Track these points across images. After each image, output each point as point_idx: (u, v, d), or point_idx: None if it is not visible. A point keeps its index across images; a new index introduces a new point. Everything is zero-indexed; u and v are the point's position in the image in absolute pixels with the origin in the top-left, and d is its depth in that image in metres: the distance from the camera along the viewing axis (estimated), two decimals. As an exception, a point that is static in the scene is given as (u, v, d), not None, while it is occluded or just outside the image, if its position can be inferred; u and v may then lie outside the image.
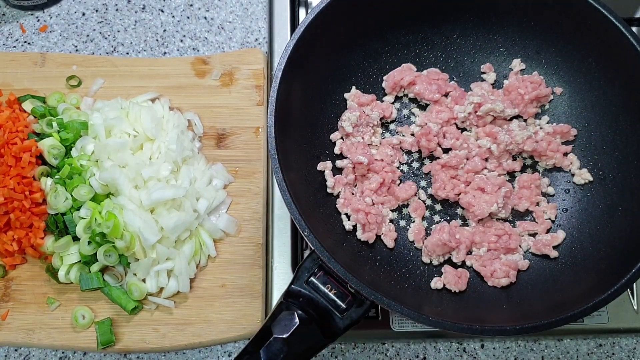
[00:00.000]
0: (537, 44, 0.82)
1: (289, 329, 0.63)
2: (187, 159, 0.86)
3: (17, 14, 1.02)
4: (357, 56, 0.83)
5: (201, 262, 0.83)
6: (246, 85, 0.94)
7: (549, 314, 0.63)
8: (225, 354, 0.82)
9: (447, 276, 0.74)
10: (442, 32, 0.85)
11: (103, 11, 1.02)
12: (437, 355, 0.82)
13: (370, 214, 0.75)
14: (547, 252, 0.75)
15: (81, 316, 0.80)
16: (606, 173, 0.78)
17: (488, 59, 0.85)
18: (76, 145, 0.84)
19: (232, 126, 0.91)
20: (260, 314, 0.81)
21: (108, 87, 0.93)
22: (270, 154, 0.67)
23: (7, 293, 0.81)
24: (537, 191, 0.79)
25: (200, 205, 0.83)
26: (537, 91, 0.81)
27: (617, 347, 0.83)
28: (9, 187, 0.78)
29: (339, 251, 0.71)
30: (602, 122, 0.79)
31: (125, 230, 0.77)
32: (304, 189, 0.74)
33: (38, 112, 0.87)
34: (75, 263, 0.80)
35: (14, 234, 0.80)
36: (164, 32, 1.01)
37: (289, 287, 0.66)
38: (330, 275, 0.66)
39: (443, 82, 0.84)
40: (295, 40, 0.72)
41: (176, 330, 0.80)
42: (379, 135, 0.82)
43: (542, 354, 0.82)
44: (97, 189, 0.80)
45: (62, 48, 0.99)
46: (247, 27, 1.02)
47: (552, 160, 0.80)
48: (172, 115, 0.89)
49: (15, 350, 0.81)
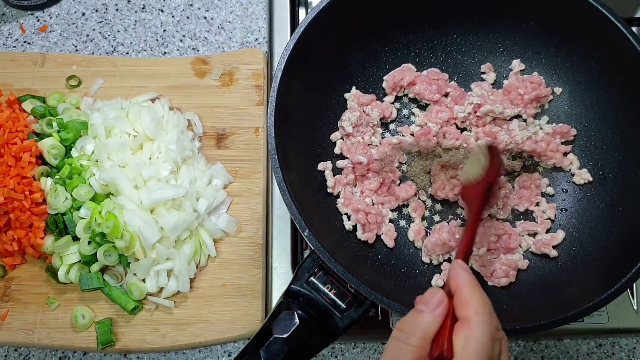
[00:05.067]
0: (537, 44, 0.82)
1: (289, 328, 0.63)
2: (187, 159, 0.86)
3: (17, 13, 1.02)
4: (357, 56, 0.83)
5: (201, 262, 0.83)
6: (246, 85, 0.94)
7: (549, 314, 0.63)
8: (225, 354, 0.82)
9: (447, 273, 0.74)
10: (442, 32, 0.85)
11: (103, 11, 1.02)
12: (437, 355, 0.82)
13: (370, 214, 0.75)
14: (546, 252, 0.75)
15: (81, 316, 0.80)
16: (606, 173, 0.78)
17: (488, 59, 0.85)
18: (76, 145, 0.84)
19: (232, 126, 0.91)
20: (260, 314, 0.81)
21: (108, 87, 0.93)
22: (270, 154, 0.67)
23: (7, 293, 0.81)
24: (536, 191, 0.79)
25: (200, 205, 0.83)
26: (537, 91, 0.81)
27: (617, 347, 0.83)
28: (9, 187, 0.78)
29: (339, 251, 0.71)
30: (602, 122, 0.79)
31: (125, 230, 0.77)
32: (304, 189, 0.74)
33: (38, 112, 0.87)
34: (75, 263, 0.79)
35: (14, 234, 0.80)
36: (164, 32, 1.01)
37: (289, 287, 0.66)
38: (330, 275, 0.66)
39: (443, 82, 0.84)
40: (295, 40, 0.72)
41: (176, 330, 0.80)
42: (379, 135, 0.82)
43: (542, 354, 0.82)
44: (97, 189, 0.80)
45: (62, 48, 0.99)
46: (247, 27, 1.02)
47: (552, 160, 0.80)
48: (172, 115, 0.89)
49: (15, 350, 0.81)
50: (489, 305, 0.50)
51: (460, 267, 0.53)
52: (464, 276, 0.52)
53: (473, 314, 0.49)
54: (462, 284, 0.51)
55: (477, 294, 0.50)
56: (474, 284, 0.51)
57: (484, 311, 0.49)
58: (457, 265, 0.53)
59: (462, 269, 0.53)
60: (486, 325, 0.48)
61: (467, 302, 0.50)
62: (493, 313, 0.50)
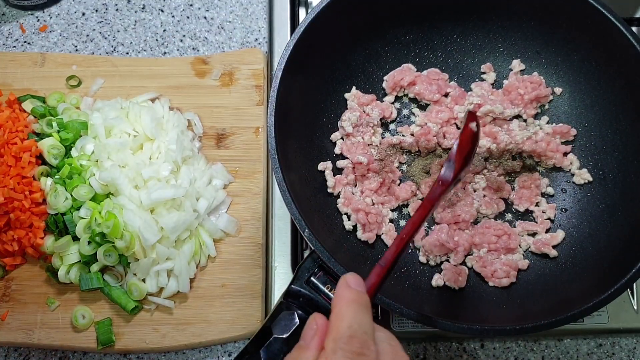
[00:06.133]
0: (537, 44, 0.82)
1: (289, 328, 0.63)
2: (187, 159, 0.86)
3: (17, 13, 1.02)
4: (357, 56, 0.83)
5: (201, 262, 0.83)
6: (246, 85, 0.94)
7: (549, 314, 0.63)
8: (225, 354, 0.82)
9: (446, 273, 0.74)
10: (442, 32, 0.85)
11: (103, 11, 1.02)
12: (437, 355, 0.82)
13: (370, 214, 0.75)
14: (546, 251, 0.75)
15: (81, 316, 0.80)
16: (606, 173, 0.78)
17: (488, 59, 0.85)
18: (76, 145, 0.84)
19: (232, 126, 0.91)
20: (260, 314, 0.81)
21: (108, 87, 0.93)
22: (270, 154, 0.67)
23: (7, 293, 0.81)
24: (536, 191, 0.79)
25: (200, 205, 0.83)
26: (537, 91, 0.81)
27: (617, 347, 0.83)
28: (9, 187, 0.78)
29: (339, 251, 0.71)
30: (602, 122, 0.79)
31: (125, 230, 0.77)
32: (304, 189, 0.74)
33: (38, 112, 0.87)
34: (75, 263, 0.79)
35: (14, 234, 0.80)
36: (164, 32, 1.01)
37: (289, 286, 0.66)
38: (331, 275, 0.66)
39: (443, 82, 0.84)
40: (295, 40, 0.72)
41: (176, 330, 0.80)
42: (379, 135, 0.82)
43: (542, 354, 0.82)
44: (97, 188, 0.80)
45: (62, 48, 0.99)
46: (247, 27, 1.02)
47: (552, 160, 0.80)
48: (172, 115, 0.89)
49: (15, 350, 0.81)
50: (354, 327, 0.46)
51: (343, 282, 0.50)
52: (339, 293, 0.49)
53: (329, 342, 0.46)
54: (334, 303, 0.49)
55: (344, 312, 0.47)
56: (346, 302, 0.48)
57: (341, 336, 0.46)
58: (341, 281, 0.51)
59: (344, 284, 0.50)
60: (340, 353, 0.45)
61: (330, 328, 0.47)
62: (357, 334, 0.46)
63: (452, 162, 0.59)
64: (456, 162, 0.59)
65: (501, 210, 0.79)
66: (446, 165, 0.59)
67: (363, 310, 0.48)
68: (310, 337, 0.49)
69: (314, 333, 0.49)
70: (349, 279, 0.51)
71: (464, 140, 0.60)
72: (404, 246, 0.56)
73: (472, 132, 0.60)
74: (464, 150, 0.59)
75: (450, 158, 0.59)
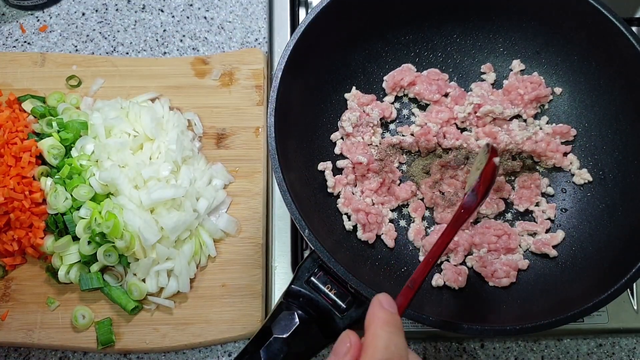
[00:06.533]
0: (537, 44, 0.82)
1: (289, 329, 0.63)
2: (187, 159, 0.86)
3: (17, 13, 1.02)
4: (357, 56, 0.83)
5: (201, 262, 0.83)
6: (246, 85, 0.94)
7: (549, 314, 0.63)
8: (225, 354, 0.82)
9: (446, 273, 0.74)
10: (442, 32, 0.85)
11: (103, 11, 1.02)
12: (437, 355, 0.82)
13: (370, 214, 0.75)
14: (546, 251, 0.75)
15: (81, 316, 0.80)
16: (606, 173, 0.78)
17: (488, 59, 0.85)
18: (76, 145, 0.84)
19: (232, 126, 0.91)
20: (260, 314, 0.81)
21: (108, 87, 0.93)
22: (270, 154, 0.67)
23: (7, 293, 0.81)
24: (536, 191, 0.79)
25: (200, 205, 0.83)
26: (537, 91, 0.81)
27: (617, 347, 0.83)
28: (9, 187, 0.78)
29: (339, 251, 0.71)
30: (602, 122, 0.79)
31: (125, 230, 0.77)
32: (304, 189, 0.74)
33: (38, 112, 0.87)
34: (75, 263, 0.79)
35: (14, 234, 0.80)
36: (164, 32, 1.01)
37: (289, 287, 0.66)
38: (330, 275, 0.66)
39: (443, 82, 0.84)
40: (295, 40, 0.72)
41: (176, 330, 0.80)
42: (379, 135, 0.82)
43: (542, 354, 0.82)
44: (97, 188, 0.80)
45: (62, 48, 0.99)
46: (247, 27, 1.02)
47: (552, 160, 0.80)
48: (172, 115, 0.89)
49: (15, 350, 0.81)
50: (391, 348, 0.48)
51: (376, 302, 0.51)
52: (372, 313, 0.50)
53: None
54: (369, 322, 0.50)
55: (380, 334, 0.48)
56: (381, 323, 0.49)
57: (379, 358, 0.47)
58: (374, 300, 0.51)
59: (377, 304, 0.51)
60: None
61: (366, 347, 0.49)
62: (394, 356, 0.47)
63: (475, 193, 0.62)
64: (479, 193, 0.62)
65: (501, 210, 0.79)
66: (469, 195, 0.62)
67: (397, 332, 0.50)
68: (343, 353, 0.50)
69: (347, 350, 0.50)
70: (382, 299, 0.52)
71: (487, 173, 0.62)
72: (430, 269, 0.58)
73: (495, 166, 0.63)
74: (486, 183, 0.62)
75: (473, 189, 0.62)
